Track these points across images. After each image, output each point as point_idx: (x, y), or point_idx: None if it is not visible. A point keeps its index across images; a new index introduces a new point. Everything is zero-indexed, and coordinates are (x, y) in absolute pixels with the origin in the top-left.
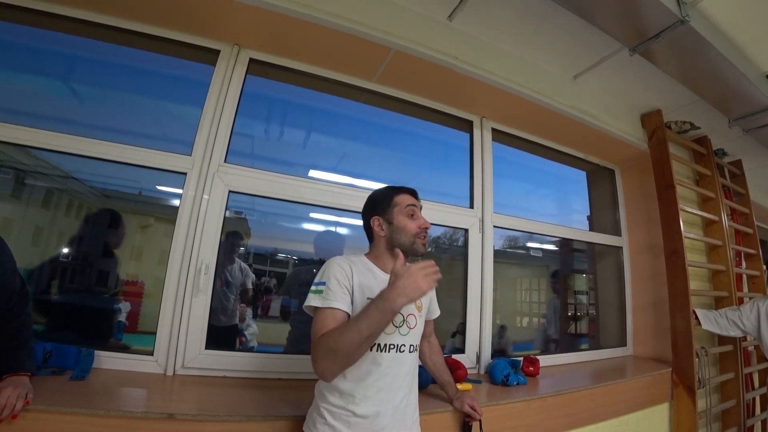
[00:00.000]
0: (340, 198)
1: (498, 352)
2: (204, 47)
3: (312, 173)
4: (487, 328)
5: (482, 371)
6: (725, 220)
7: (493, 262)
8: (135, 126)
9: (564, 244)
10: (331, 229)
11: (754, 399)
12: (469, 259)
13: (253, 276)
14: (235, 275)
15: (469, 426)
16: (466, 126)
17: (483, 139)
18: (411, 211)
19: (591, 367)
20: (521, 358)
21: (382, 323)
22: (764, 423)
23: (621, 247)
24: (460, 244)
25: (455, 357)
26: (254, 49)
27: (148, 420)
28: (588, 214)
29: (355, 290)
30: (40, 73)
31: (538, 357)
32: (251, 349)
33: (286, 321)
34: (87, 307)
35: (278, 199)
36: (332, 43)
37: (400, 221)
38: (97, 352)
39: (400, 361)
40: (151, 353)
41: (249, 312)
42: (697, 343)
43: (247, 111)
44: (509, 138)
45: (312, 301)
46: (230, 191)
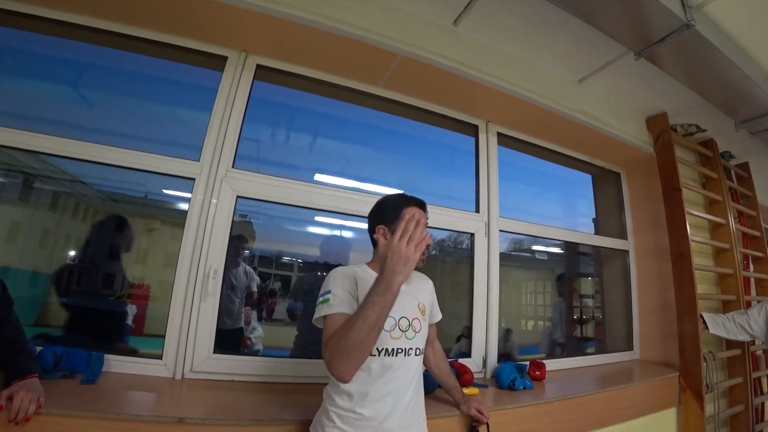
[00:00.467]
0: (347, 203)
1: (503, 356)
2: (212, 54)
3: (317, 177)
4: (494, 332)
5: (488, 375)
6: (732, 223)
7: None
8: (144, 131)
9: (569, 247)
10: (338, 234)
11: (762, 404)
12: (475, 264)
13: (258, 279)
14: (240, 278)
15: (476, 430)
16: (472, 130)
17: (488, 143)
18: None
19: (597, 371)
20: (527, 363)
21: (385, 307)
22: None
23: (627, 251)
24: (465, 247)
25: (461, 361)
26: (261, 55)
27: (159, 424)
28: (593, 217)
29: (360, 300)
30: (51, 79)
31: (544, 361)
32: (257, 353)
33: (294, 320)
34: (97, 311)
35: (286, 204)
36: (338, 50)
37: None
38: (106, 356)
39: (408, 365)
40: (157, 356)
41: (254, 315)
42: (704, 348)
43: (253, 116)
44: (515, 142)
45: (320, 311)
46: (238, 196)
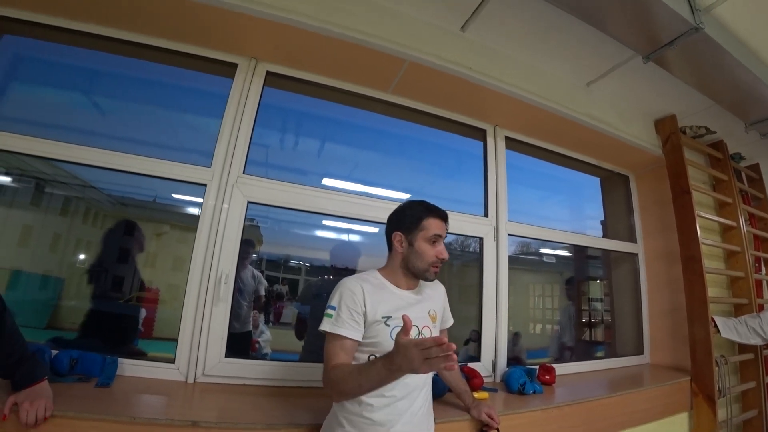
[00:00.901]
0: (356, 208)
1: (512, 360)
2: (222, 61)
3: (325, 181)
4: (503, 336)
5: (498, 379)
6: (743, 226)
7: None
8: (155, 137)
9: (578, 250)
10: (346, 239)
11: None
12: (484, 268)
13: (265, 283)
14: (248, 282)
15: None
16: (480, 134)
17: (496, 148)
18: (434, 239)
19: (607, 375)
20: (537, 367)
21: (382, 384)
22: None
23: (636, 254)
24: (472, 250)
25: (471, 365)
26: (271, 62)
27: (173, 427)
28: (602, 220)
29: (368, 313)
30: (65, 87)
31: (554, 365)
32: (265, 356)
33: (301, 340)
34: (109, 314)
35: (296, 210)
36: (347, 56)
37: (420, 246)
38: (120, 360)
39: None
40: (170, 360)
41: (262, 318)
42: (716, 351)
43: (263, 121)
44: (522, 146)
45: (324, 325)
46: (249, 202)
